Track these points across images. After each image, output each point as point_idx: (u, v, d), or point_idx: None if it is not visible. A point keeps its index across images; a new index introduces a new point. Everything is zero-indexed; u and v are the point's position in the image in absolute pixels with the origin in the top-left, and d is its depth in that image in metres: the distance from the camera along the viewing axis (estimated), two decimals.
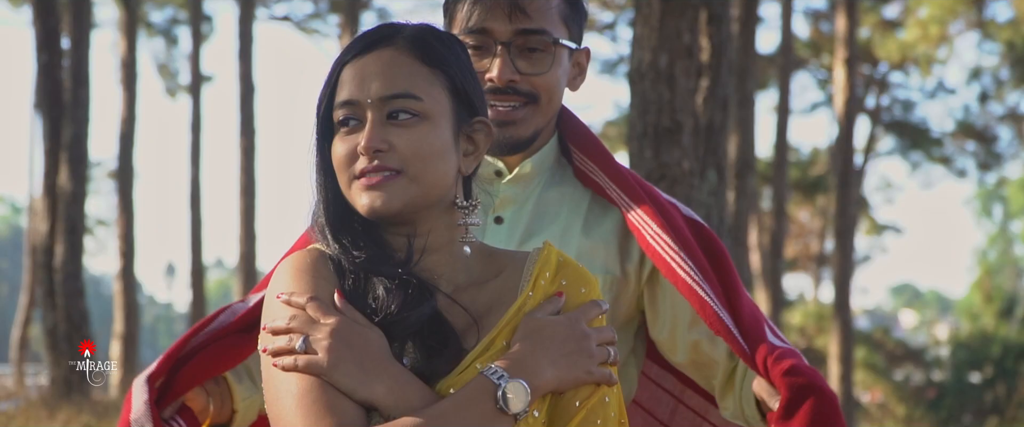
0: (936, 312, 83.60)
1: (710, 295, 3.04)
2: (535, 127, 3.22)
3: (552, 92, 3.21)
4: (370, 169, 2.45)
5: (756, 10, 16.17)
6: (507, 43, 3.15)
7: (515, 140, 3.20)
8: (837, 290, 26.26)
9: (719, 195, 7.74)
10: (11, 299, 65.74)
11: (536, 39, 3.16)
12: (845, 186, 25.77)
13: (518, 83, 3.16)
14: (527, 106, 3.19)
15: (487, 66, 3.16)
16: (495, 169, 3.29)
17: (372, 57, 2.50)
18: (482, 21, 3.15)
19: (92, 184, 40.57)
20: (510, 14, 3.14)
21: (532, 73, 3.17)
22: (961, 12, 32.34)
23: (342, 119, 2.49)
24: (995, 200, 59.87)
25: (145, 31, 36.54)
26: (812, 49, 35.78)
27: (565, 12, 3.22)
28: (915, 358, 34.16)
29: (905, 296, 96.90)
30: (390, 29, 2.55)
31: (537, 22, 3.15)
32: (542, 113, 3.22)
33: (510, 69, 3.14)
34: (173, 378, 3.07)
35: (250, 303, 3.19)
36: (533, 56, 3.17)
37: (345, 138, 2.49)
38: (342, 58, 2.53)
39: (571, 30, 3.24)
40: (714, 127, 7.80)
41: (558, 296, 2.51)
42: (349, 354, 2.33)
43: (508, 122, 3.17)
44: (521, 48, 3.16)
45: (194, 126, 30.67)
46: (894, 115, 37.95)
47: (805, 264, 42.88)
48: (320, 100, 2.54)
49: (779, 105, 25.98)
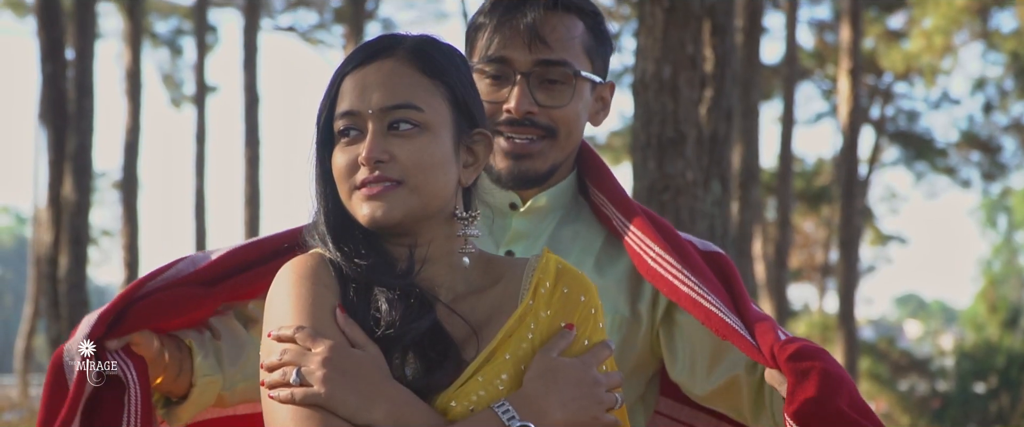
0: (941, 322, 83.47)
1: (720, 308, 2.94)
2: (553, 161, 3.13)
3: (571, 126, 3.12)
4: (371, 179, 2.45)
5: (760, 21, 16.15)
6: (527, 73, 3.06)
7: (532, 174, 3.11)
8: (841, 300, 26.23)
9: (723, 205, 7.74)
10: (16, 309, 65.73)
11: (556, 70, 3.07)
12: (849, 196, 25.73)
13: (536, 115, 3.07)
14: (545, 139, 3.10)
15: (505, 96, 3.08)
16: (510, 201, 3.19)
17: (373, 67, 2.50)
18: (501, 50, 3.07)
19: (97, 194, 40.61)
20: (529, 44, 3.05)
21: (551, 106, 3.08)
22: (965, 23, 32.33)
23: (343, 129, 2.49)
24: (1000, 210, 59.84)
25: (150, 41, 36.58)
26: (816, 59, 35.77)
27: (589, 44, 3.14)
28: (920, 368, 34.11)
29: (910, 306, 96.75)
30: (391, 40, 2.55)
31: (558, 53, 3.07)
32: (560, 147, 3.13)
33: (528, 100, 3.05)
34: (123, 315, 2.92)
35: (212, 257, 3.08)
36: (553, 88, 3.08)
37: (346, 148, 2.49)
38: (343, 68, 2.53)
39: (594, 63, 3.16)
40: (718, 138, 7.80)
41: (569, 329, 2.51)
42: (344, 381, 2.33)
43: (525, 155, 3.09)
44: (541, 79, 3.08)
45: (199, 136, 30.68)
46: (898, 125, 37.95)
47: (810, 274, 42.83)
48: (320, 110, 2.54)
49: (783, 115, 25.95)
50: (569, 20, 3.11)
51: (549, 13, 3.08)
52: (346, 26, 33.13)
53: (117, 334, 2.89)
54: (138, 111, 26.64)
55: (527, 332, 2.47)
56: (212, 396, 3.09)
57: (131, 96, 26.65)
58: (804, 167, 38.02)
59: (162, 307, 2.96)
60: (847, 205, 25.69)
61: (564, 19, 3.10)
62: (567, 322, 2.51)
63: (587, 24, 3.15)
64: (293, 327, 2.40)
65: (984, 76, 36.48)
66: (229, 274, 3.07)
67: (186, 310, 3.01)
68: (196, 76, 31.72)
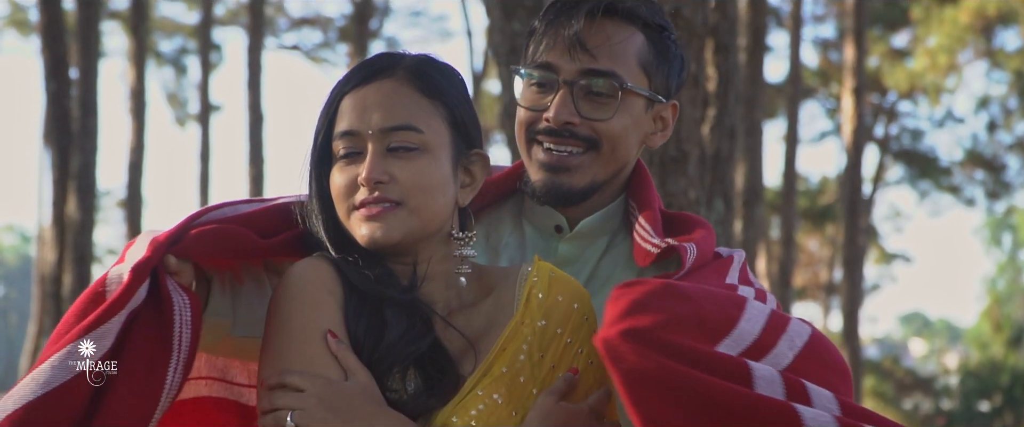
0: (945, 341, 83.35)
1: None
2: (592, 177, 2.89)
3: (616, 141, 2.88)
4: (370, 200, 2.45)
5: (764, 39, 16.16)
6: (571, 82, 2.85)
7: (567, 189, 2.87)
8: (846, 319, 26.23)
9: (726, 224, 7.74)
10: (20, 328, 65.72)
11: (602, 81, 2.85)
12: (854, 215, 25.73)
13: (577, 127, 2.85)
14: (587, 153, 2.87)
15: (548, 105, 2.87)
16: (555, 223, 2.96)
17: (373, 88, 2.50)
18: (546, 55, 2.89)
19: (101, 213, 40.63)
20: (572, 51, 2.85)
21: (593, 118, 2.85)
22: (970, 41, 32.35)
23: (342, 150, 2.49)
24: (1004, 229, 59.74)
25: (154, 60, 36.59)
26: (821, 78, 35.79)
27: (647, 58, 2.92)
28: (924, 387, 34.10)
29: (914, 325, 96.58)
30: (389, 59, 2.55)
31: (604, 63, 2.86)
32: (602, 163, 2.89)
33: (569, 110, 2.84)
34: (180, 238, 2.66)
35: (272, 202, 2.82)
36: (598, 100, 2.86)
37: (345, 168, 2.49)
38: (341, 87, 2.53)
39: (653, 79, 2.94)
40: (721, 156, 7.79)
41: (573, 374, 2.51)
42: (337, 419, 2.34)
43: (561, 168, 2.86)
44: (586, 90, 2.86)
45: (203, 155, 30.67)
46: (903, 144, 37.97)
47: (814, 293, 42.78)
48: (318, 128, 2.54)
49: (787, 134, 25.94)
50: (625, 30, 2.91)
51: (602, 20, 2.89)
52: (350, 45, 33.19)
53: (177, 254, 2.63)
54: (142, 130, 26.62)
55: (522, 343, 2.48)
56: (214, 338, 2.83)
57: (135, 115, 26.64)
58: (808, 186, 38.02)
59: (217, 240, 2.69)
60: (851, 224, 25.69)
61: (620, 29, 2.91)
62: (561, 328, 2.52)
63: (649, 37, 2.94)
64: (281, 373, 2.40)
65: (988, 95, 36.55)
66: (283, 230, 2.77)
67: (238, 253, 2.77)
68: (200, 95, 31.72)
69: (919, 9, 32.30)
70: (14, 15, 34.68)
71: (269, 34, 34.99)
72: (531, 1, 7.05)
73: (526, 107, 2.84)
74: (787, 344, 2.45)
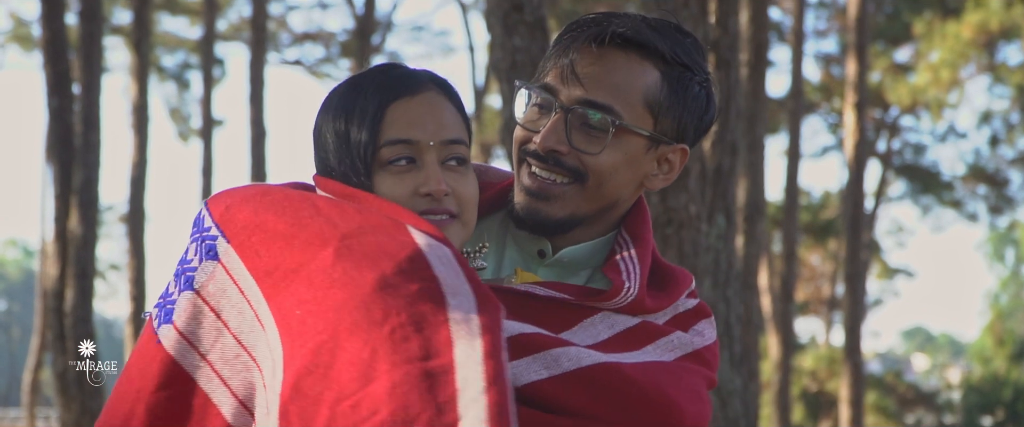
0: (948, 356, 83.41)
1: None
2: (573, 210, 2.69)
3: (603, 177, 2.66)
4: (440, 210, 2.46)
5: (766, 54, 16.16)
6: (567, 109, 2.64)
7: (544, 217, 2.69)
8: (848, 334, 26.20)
9: (728, 239, 7.74)
10: (23, 342, 65.76)
11: (597, 116, 2.63)
12: (856, 230, 25.74)
13: (564, 156, 2.65)
14: (572, 184, 2.67)
15: (542, 127, 2.67)
16: (539, 248, 2.77)
17: (421, 99, 2.49)
18: (549, 77, 2.70)
19: (103, 228, 40.63)
20: (566, 79, 2.66)
21: (582, 149, 2.64)
22: (972, 56, 32.38)
23: (394, 156, 2.48)
24: (1007, 244, 59.82)
25: (157, 75, 36.66)
26: (823, 93, 35.84)
27: (656, 97, 2.67)
28: (927, 402, 34.11)
29: (917, 340, 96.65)
30: (422, 73, 2.55)
31: (601, 96, 2.64)
32: (587, 197, 2.68)
33: (557, 137, 2.64)
34: None
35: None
36: (591, 132, 2.64)
37: (402, 176, 2.48)
38: (386, 96, 2.50)
39: (660, 119, 2.69)
40: (722, 171, 7.81)
41: None
42: None
43: (542, 195, 2.67)
44: (582, 119, 2.64)
45: (205, 170, 30.69)
46: (905, 159, 38.01)
47: (816, 308, 42.82)
48: (359, 135, 2.49)
49: (789, 149, 25.96)
50: (635, 64, 2.68)
51: (612, 51, 2.67)
52: (352, 60, 33.22)
53: None
54: (145, 145, 26.64)
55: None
56: None
57: (138, 130, 26.66)
58: (810, 200, 38.06)
59: None
60: (853, 238, 25.70)
61: (629, 62, 2.67)
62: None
63: (666, 74, 2.69)
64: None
65: (990, 109, 36.58)
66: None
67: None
68: (203, 110, 31.74)
69: (921, 24, 32.35)
70: (17, 30, 34.76)
71: (271, 49, 35.04)
72: (532, 17, 7.05)
73: (522, 125, 2.78)
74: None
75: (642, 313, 2.64)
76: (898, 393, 33.88)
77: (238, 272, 2.35)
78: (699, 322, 2.73)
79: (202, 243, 2.42)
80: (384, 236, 2.27)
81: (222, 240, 2.38)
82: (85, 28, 19.93)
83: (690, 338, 2.68)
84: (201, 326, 2.39)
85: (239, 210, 2.40)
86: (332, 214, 2.32)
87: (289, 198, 2.40)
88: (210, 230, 2.42)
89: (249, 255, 2.34)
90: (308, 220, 2.32)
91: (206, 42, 31.49)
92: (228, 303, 2.37)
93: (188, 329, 2.40)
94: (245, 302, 2.35)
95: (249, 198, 2.43)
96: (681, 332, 2.67)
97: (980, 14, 30.75)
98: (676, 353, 2.63)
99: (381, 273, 2.18)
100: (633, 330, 2.61)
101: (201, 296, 2.39)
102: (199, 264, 2.41)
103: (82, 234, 19.11)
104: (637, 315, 2.63)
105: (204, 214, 2.46)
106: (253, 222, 2.36)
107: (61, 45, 19.11)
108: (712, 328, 2.76)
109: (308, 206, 2.36)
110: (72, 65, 19.57)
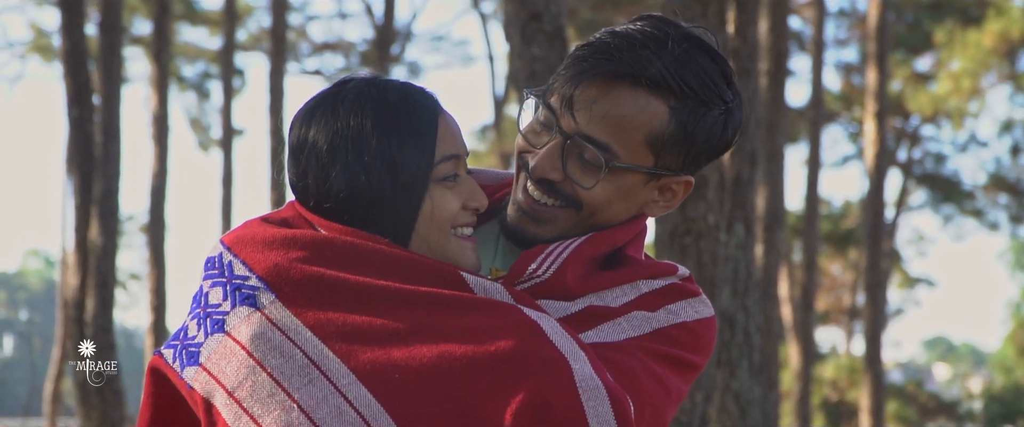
0: (970, 365, 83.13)
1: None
2: (561, 232, 2.61)
3: (598, 208, 2.58)
4: (476, 226, 2.50)
5: (785, 64, 16.17)
6: (568, 136, 2.54)
7: (532, 237, 2.61)
8: (869, 343, 26.16)
9: (747, 249, 7.74)
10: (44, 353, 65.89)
11: (591, 150, 2.51)
12: (876, 239, 25.70)
13: (560, 183, 2.56)
14: (566, 209, 2.59)
15: (541, 145, 2.59)
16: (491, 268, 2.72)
17: (445, 112, 2.50)
18: (553, 95, 2.59)
19: (124, 238, 40.74)
20: (567, 105, 2.55)
21: (576, 181, 2.55)
22: (993, 65, 32.31)
23: (448, 172, 2.46)
24: None
25: (177, 85, 36.75)
26: (843, 102, 35.79)
27: (661, 135, 2.55)
28: (948, 411, 34.00)
29: (938, 349, 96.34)
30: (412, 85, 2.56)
31: (597, 131, 2.53)
32: (579, 222, 2.60)
33: (552, 164, 2.56)
34: None
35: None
36: (586, 166, 2.54)
37: (453, 191, 2.47)
38: (431, 112, 2.48)
39: (662, 156, 2.57)
40: (742, 181, 7.80)
41: None
42: None
43: (532, 216, 2.60)
44: (579, 150, 2.53)
45: (226, 180, 30.75)
46: (926, 168, 37.94)
47: (837, 317, 42.72)
48: (422, 150, 2.44)
49: (810, 158, 25.94)
50: (641, 100, 2.53)
51: (618, 86, 2.54)
52: (372, 70, 33.24)
53: None
54: (165, 155, 26.71)
55: None
56: None
57: (158, 140, 26.73)
58: (831, 210, 38.00)
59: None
60: (874, 248, 25.66)
61: (636, 100, 2.54)
62: None
63: (677, 111, 2.55)
64: None
65: (1012, 118, 36.49)
66: None
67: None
68: (223, 120, 31.80)
69: (942, 33, 32.28)
70: (37, 41, 34.88)
71: (291, 59, 35.12)
72: (551, 27, 7.06)
73: (523, 135, 2.69)
74: None
75: (572, 296, 2.55)
76: (919, 403, 33.80)
77: (285, 323, 2.34)
78: (676, 302, 2.63)
79: (236, 291, 2.41)
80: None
81: (266, 291, 2.38)
82: (105, 39, 20.00)
83: (655, 316, 2.59)
84: (230, 364, 2.35)
85: (294, 266, 2.41)
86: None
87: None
88: (249, 280, 2.41)
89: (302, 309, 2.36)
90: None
91: (226, 52, 31.56)
92: (267, 345, 2.33)
93: (217, 369, 2.35)
94: (293, 346, 2.32)
95: (294, 247, 2.48)
96: (645, 312, 2.58)
97: (1001, 23, 30.69)
98: (629, 333, 2.55)
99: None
100: (573, 317, 2.53)
101: (231, 337, 2.36)
102: (231, 309, 2.39)
103: (103, 244, 19.15)
104: (574, 300, 2.55)
105: (231, 259, 2.49)
106: (316, 276, 2.38)
107: (82, 56, 19.15)
108: (693, 307, 2.66)
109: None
110: (92, 76, 19.63)
